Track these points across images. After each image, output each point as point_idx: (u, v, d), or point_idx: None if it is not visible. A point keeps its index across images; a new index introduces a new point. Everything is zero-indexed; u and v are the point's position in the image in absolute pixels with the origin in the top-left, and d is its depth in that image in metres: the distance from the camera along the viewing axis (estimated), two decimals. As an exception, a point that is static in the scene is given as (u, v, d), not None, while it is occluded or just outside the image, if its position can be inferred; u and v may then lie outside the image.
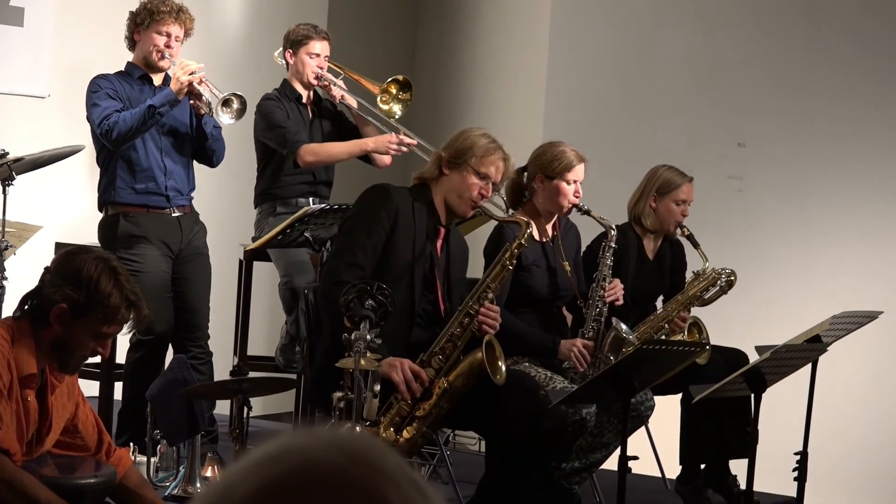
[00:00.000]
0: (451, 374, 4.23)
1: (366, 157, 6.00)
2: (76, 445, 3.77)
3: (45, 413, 3.61)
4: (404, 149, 5.81)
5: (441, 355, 4.27)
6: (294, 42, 5.90)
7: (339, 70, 6.04)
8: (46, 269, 3.60)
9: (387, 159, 5.94)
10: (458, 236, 4.64)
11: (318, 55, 5.89)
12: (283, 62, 6.00)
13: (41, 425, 3.61)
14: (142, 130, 5.20)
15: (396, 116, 5.99)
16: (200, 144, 5.42)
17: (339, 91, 5.88)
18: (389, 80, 6.02)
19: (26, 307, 3.58)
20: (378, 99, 5.98)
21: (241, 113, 5.24)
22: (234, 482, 1.04)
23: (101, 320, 3.50)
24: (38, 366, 3.54)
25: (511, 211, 5.01)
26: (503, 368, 4.22)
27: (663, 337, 5.33)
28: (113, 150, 5.25)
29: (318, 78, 5.89)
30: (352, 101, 5.88)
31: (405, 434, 4.19)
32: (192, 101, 5.30)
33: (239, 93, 5.22)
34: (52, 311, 3.48)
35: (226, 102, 5.20)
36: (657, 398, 5.04)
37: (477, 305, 4.31)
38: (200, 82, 5.23)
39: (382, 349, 3.94)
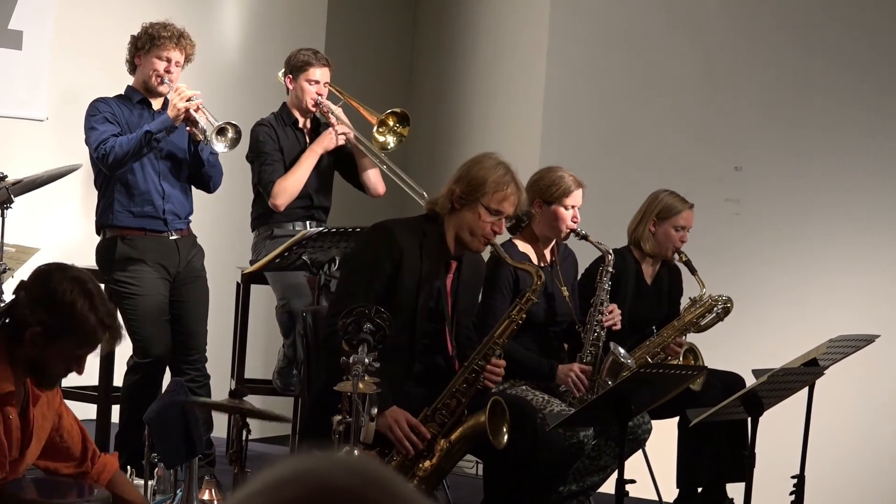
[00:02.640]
0: (454, 435, 4.18)
1: (360, 186, 6.00)
2: (62, 452, 3.70)
3: (26, 425, 3.55)
4: (348, 131, 5.79)
5: (445, 410, 4.21)
6: (294, 68, 5.88)
7: (339, 95, 6.04)
8: (21, 284, 3.49)
9: (380, 189, 5.94)
10: (470, 260, 4.50)
11: (317, 82, 5.87)
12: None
13: (22, 438, 3.54)
14: (138, 156, 5.21)
15: (390, 147, 5.95)
16: (197, 170, 5.43)
17: (336, 121, 5.86)
18: (388, 112, 6.00)
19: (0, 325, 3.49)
20: (374, 129, 5.95)
21: (235, 142, 5.25)
22: None
23: (75, 344, 3.44)
24: (15, 383, 3.47)
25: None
26: (505, 431, 4.13)
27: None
28: (109, 174, 5.26)
29: (316, 105, 5.89)
30: (349, 133, 5.86)
31: None
32: (188, 128, 5.31)
33: (234, 122, 5.23)
34: (26, 332, 3.41)
35: (220, 131, 5.21)
36: (654, 421, 5.04)
37: (483, 362, 4.24)
38: (197, 109, 5.24)
39: (384, 388, 3.86)
